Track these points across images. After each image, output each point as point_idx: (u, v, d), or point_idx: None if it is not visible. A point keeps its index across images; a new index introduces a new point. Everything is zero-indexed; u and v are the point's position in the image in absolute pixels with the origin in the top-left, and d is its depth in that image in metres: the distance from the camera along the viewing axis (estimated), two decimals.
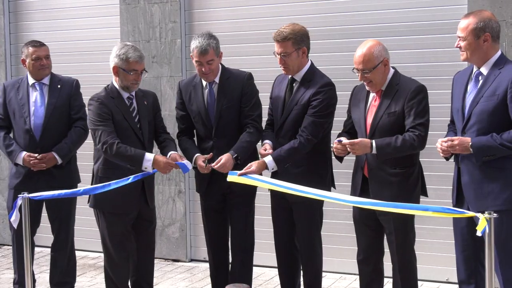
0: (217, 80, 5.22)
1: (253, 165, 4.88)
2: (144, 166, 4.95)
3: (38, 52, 5.70)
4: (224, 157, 4.99)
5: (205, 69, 5.11)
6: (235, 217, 5.32)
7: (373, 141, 4.61)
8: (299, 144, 4.93)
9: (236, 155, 5.03)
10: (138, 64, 5.03)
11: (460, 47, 4.41)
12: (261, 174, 5.02)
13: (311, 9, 6.60)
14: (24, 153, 5.62)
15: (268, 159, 4.92)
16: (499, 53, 4.39)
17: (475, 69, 4.45)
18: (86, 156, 6.56)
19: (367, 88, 4.79)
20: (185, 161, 5.05)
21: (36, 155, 5.60)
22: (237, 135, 5.18)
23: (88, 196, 5.17)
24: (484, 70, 4.38)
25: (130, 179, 4.93)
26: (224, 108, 5.18)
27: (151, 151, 5.14)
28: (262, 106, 5.32)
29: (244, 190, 5.10)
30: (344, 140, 4.70)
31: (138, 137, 5.10)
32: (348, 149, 4.65)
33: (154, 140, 5.35)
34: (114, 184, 4.94)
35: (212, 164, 4.98)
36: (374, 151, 4.60)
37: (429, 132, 4.67)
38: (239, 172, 4.86)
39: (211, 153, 5.09)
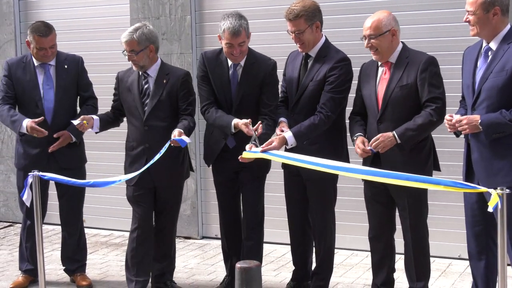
0: (242, 63, 5.16)
1: (275, 141, 4.82)
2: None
3: (43, 43, 5.55)
4: (277, 141, 4.83)
5: (236, 51, 5.04)
6: (247, 194, 5.32)
7: (394, 132, 4.58)
8: (320, 120, 4.90)
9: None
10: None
11: (468, 21, 4.35)
12: None
13: None
14: (28, 120, 5.40)
15: (288, 135, 4.88)
16: (508, 27, 4.33)
17: (484, 44, 4.40)
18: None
19: (373, 57, 4.76)
20: (184, 137, 4.92)
21: (42, 130, 5.40)
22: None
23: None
24: (493, 45, 4.33)
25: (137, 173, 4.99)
26: (245, 94, 5.14)
27: None
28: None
29: (257, 167, 5.08)
30: (370, 144, 4.65)
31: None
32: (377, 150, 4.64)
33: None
34: (124, 177, 5.03)
35: (263, 146, 4.78)
36: (398, 141, 4.58)
37: None
38: (260, 148, 4.79)
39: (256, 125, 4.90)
